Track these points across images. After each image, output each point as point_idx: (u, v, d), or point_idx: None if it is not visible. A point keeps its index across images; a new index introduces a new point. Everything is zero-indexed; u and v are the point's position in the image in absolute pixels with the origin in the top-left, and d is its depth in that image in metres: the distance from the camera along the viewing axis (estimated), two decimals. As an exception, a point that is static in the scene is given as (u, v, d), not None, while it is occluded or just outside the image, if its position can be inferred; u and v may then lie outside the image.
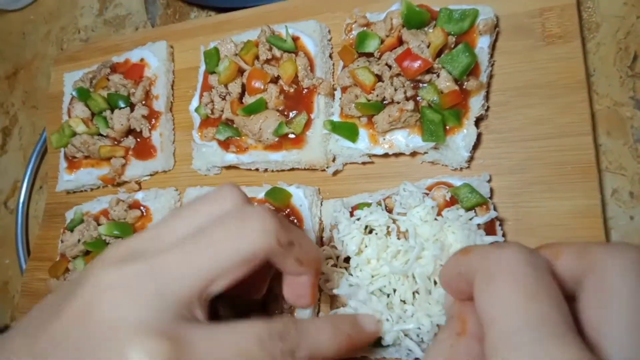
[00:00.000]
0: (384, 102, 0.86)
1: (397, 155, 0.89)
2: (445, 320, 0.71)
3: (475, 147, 0.83)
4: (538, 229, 0.79)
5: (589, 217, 0.77)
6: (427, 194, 0.80)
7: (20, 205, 1.37)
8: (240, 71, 0.98)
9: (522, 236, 0.80)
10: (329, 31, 1.02)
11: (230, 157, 0.98)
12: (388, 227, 0.77)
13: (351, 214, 0.83)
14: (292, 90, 0.95)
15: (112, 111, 1.10)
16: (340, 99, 0.92)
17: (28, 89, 1.52)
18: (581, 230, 0.77)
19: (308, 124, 0.93)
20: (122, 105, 1.09)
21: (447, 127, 0.82)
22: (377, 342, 0.75)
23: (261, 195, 0.93)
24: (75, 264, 1.03)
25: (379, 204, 0.82)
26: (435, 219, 0.75)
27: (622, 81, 0.85)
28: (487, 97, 0.84)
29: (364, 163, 0.92)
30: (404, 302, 0.73)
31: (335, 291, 0.78)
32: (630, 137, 0.83)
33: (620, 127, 0.84)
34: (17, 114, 1.51)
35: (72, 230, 1.06)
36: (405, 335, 0.72)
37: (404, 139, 0.85)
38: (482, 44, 0.84)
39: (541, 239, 0.79)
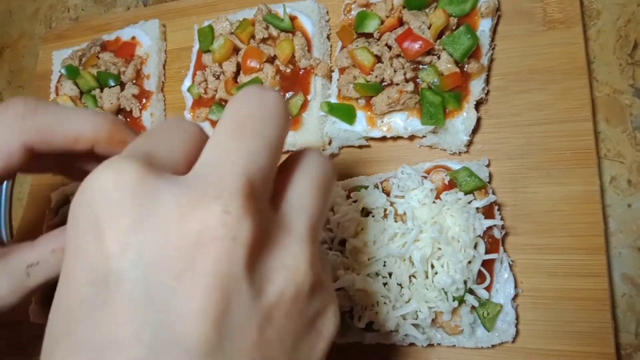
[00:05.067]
0: (383, 83, 0.84)
1: (394, 138, 0.87)
2: (441, 306, 0.70)
3: (474, 131, 0.82)
4: (536, 214, 0.78)
5: (587, 204, 0.76)
6: (426, 177, 0.79)
7: (4, 187, 1.32)
8: (236, 50, 0.96)
9: (520, 221, 0.79)
10: (327, 12, 0.99)
11: (224, 139, 0.96)
12: (385, 209, 0.76)
13: (347, 197, 0.81)
14: (288, 70, 0.92)
15: (102, 90, 1.06)
16: (337, 80, 0.90)
17: (14, 69, 1.47)
18: (579, 217, 0.76)
19: (304, 105, 0.90)
20: (112, 83, 1.06)
21: (447, 110, 0.81)
22: (372, 328, 0.74)
23: (255, 177, 0.91)
24: (60, 245, 1.00)
25: (376, 186, 0.80)
26: (434, 202, 0.74)
27: (622, 69, 0.85)
28: (487, 81, 0.83)
29: (360, 147, 0.91)
30: (401, 285, 0.72)
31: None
32: (629, 125, 0.82)
33: (620, 115, 0.83)
34: (2, 94, 1.46)
35: (57, 212, 1.03)
36: (404, 319, 0.71)
37: (402, 122, 0.84)
38: (484, 26, 0.82)
39: (539, 225, 0.78)
